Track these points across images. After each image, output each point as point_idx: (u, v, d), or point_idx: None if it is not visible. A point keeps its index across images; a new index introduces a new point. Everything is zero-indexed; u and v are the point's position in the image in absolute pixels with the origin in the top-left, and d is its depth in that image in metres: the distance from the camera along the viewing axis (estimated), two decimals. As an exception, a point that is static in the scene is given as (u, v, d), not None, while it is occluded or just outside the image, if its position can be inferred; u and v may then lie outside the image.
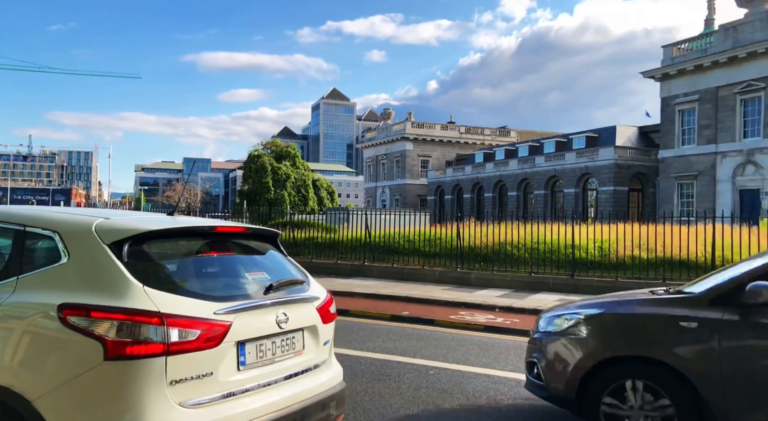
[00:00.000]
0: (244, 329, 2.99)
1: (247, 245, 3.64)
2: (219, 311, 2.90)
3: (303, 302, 3.45)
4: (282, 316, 3.19)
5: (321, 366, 3.51)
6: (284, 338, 3.24)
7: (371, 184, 72.81)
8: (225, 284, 3.28)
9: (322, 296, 3.63)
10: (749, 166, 33.90)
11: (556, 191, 47.18)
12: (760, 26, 33.01)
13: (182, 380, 2.70)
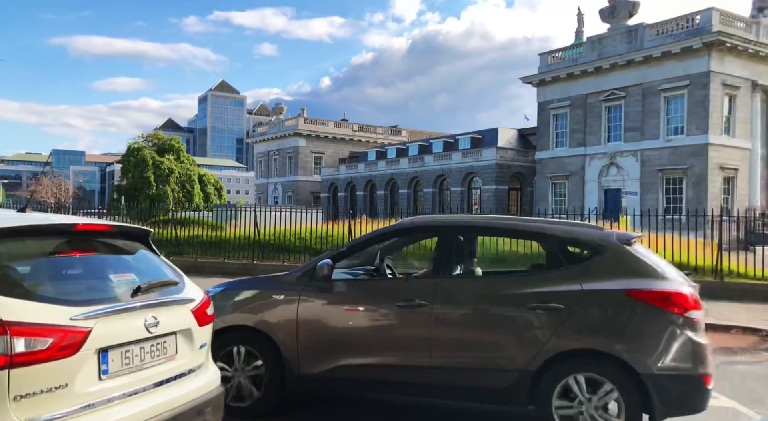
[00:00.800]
0: (107, 334, 2.76)
1: (113, 245, 3.36)
2: (76, 316, 2.65)
3: (176, 304, 3.26)
4: (151, 319, 3.00)
5: (196, 371, 3.33)
6: (154, 343, 3.04)
7: (263, 180, 71.16)
8: (87, 287, 3.01)
9: (198, 297, 3.45)
10: (612, 167, 37.37)
11: (443, 190, 49.02)
12: (621, 40, 36.49)
13: (30, 394, 2.44)
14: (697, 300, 4.28)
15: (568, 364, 4.22)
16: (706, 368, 4.14)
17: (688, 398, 4.16)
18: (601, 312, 4.26)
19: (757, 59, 33.72)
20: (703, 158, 32.63)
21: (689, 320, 4.17)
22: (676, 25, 34.04)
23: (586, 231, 4.78)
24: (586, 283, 4.31)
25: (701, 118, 32.66)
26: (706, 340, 4.23)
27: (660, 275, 4.34)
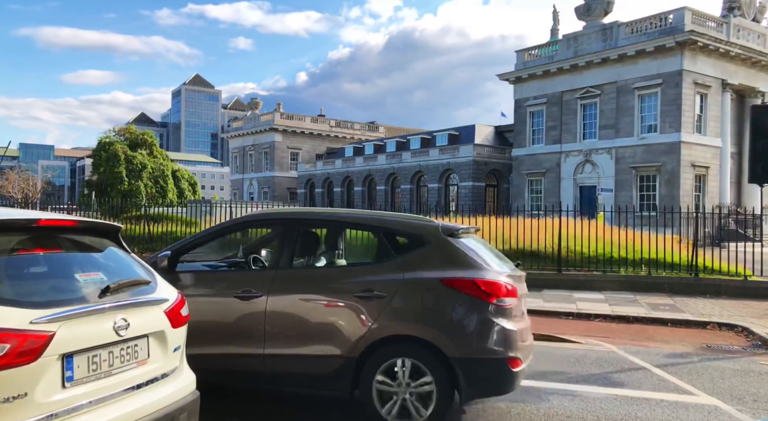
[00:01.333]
0: (72, 338, 2.56)
1: (80, 242, 3.14)
2: (38, 319, 2.44)
3: (148, 304, 3.06)
4: (121, 321, 2.80)
5: (170, 375, 3.14)
6: (124, 347, 2.84)
7: (238, 176, 70.27)
8: (50, 287, 2.79)
9: (171, 297, 3.25)
10: (587, 164, 37.77)
11: (421, 186, 49.02)
12: (596, 38, 36.84)
13: None
14: (512, 289, 4.55)
15: (389, 350, 4.43)
16: (512, 351, 4.40)
17: (493, 380, 4.43)
18: (418, 300, 4.47)
19: (727, 59, 34.38)
20: (675, 156, 33.17)
21: (499, 307, 4.43)
22: (650, 23, 34.49)
23: (413, 224, 5.00)
24: (408, 272, 4.56)
25: (674, 117, 33.18)
26: (516, 326, 4.50)
27: (478, 265, 4.59)
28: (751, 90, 36.18)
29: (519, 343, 4.48)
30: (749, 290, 12.19)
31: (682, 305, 11.22)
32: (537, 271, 13.44)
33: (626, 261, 13.53)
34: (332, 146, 65.75)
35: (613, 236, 14.06)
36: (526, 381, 6.16)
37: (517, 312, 4.62)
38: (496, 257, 5.07)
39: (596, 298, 11.95)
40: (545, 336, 8.88)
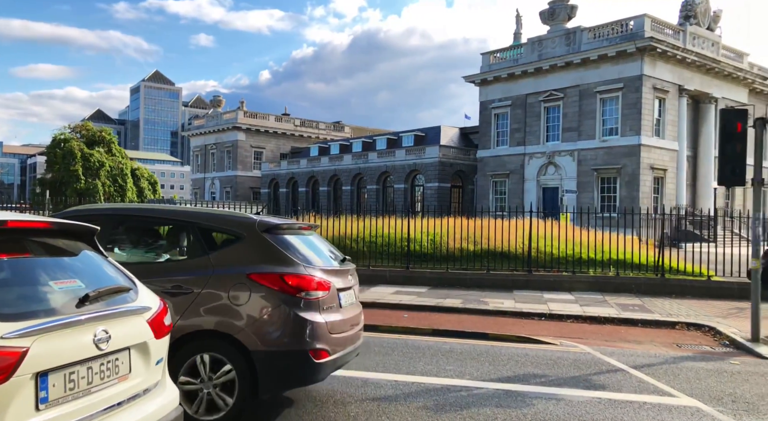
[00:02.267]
0: (48, 355, 2.30)
1: (52, 245, 2.87)
2: (8, 334, 2.18)
3: (130, 314, 2.81)
4: (102, 334, 2.55)
5: (152, 390, 2.90)
6: (105, 362, 2.60)
7: (199, 175, 68.77)
8: (19, 296, 2.50)
9: (154, 305, 3.01)
10: (551, 166, 38.42)
11: (387, 186, 48.96)
12: (560, 42, 37.53)
13: None
14: (323, 283, 4.69)
15: (192, 346, 4.45)
16: (318, 343, 4.52)
17: (294, 372, 4.53)
18: (224, 295, 4.52)
19: (684, 65, 35.52)
20: (635, 158, 34.05)
21: (307, 300, 4.56)
22: (612, 29, 35.32)
23: (228, 219, 5.07)
24: (218, 268, 4.64)
25: (634, 120, 34.06)
26: (327, 318, 4.63)
27: (290, 260, 4.68)
28: (706, 96, 37.47)
29: (328, 335, 4.60)
30: (712, 289, 12.52)
31: (650, 305, 11.42)
32: (507, 272, 13.50)
33: (594, 262, 13.73)
34: (297, 146, 65.04)
35: (582, 237, 14.25)
36: (510, 385, 6.11)
37: (329, 305, 4.74)
38: (323, 253, 5.23)
39: (567, 298, 12.06)
40: (521, 338, 8.88)
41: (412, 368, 6.86)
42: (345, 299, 5.10)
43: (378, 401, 5.46)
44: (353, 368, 6.70)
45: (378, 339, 8.58)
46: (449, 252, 14.56)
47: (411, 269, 13.95)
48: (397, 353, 7.65)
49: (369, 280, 13.91)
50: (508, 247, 14.11)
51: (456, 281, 13.42)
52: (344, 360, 5.03)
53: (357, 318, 5.36)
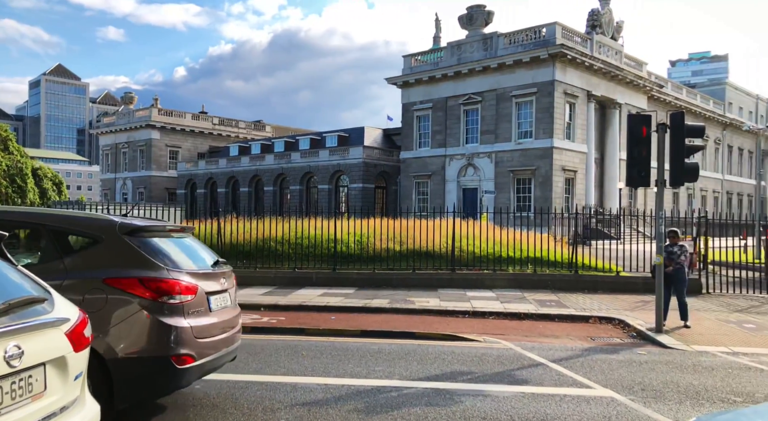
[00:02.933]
0: None
1: None
2: None
3: (45, 327, 2.60)
4: (13, 350, 2.34)
5: (71, 408, 2.70)
6: (16, 380, 2.38)
7: (110, 175, 65.05)
8: None
9: (73, 316, 2.80)
10: (470, 168, 39.58)
11: (311, 187, 48.50)
12: (478, 47, 38.76)
13: None
14: (189, 286, 4.59)
15: None
16: (182, 349, 4.42)
17: (155, 379, 4.40)
18: (77, 301, 4.36)
19: (591, 72, 37.73)
20: (548, 160, 35.77)
21: (169, 305, 4.45)
22: (526, 35, 36.90)
23: (86, 222, 4.91)
24: (72, 272, 4.46)
25: (547, 123, 35.77)
26: (193, 322, 4.54)
27: (152, 264, 4.54)
28: (611, 101, 40.01)
29: (193, 340, 4.51)
30: (620, 284, 13.37)
31: (565, 300, 12.03)
32: (432, 271, 13.75)
33: (514, 260, 14.28)
34: (216, 145, 63.04)
35: (502, 236, 14.77)
36: (439, 383, 6.22)
37: (196, 309, 4.65)
38: (196, 256, 5.13)
39: (488, 296, 12.46)
40: (447, 336, 9.07)
41: (342, 370, 6.82)
42: (217, 302, 5.01)
43: (308, 406, 5.38)
44: (281, 373, 6.58)
45: (306, 342, 8.47)
46: (376, 253, 14.64)
47: (338, 271, 13.89)
48: (326, 355, 7.59)
49: (295, 282, 13.72)
50: (432, 247, 14.38)
51: (383, 281, 13.51)
52: (215, 364, 4.95)
53: (232, 322, 5.26)
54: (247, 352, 7.74)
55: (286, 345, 8.25)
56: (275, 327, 9.52)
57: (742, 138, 57.07)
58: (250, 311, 10.92)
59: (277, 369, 6.82)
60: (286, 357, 7.45)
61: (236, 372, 6.62)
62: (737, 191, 57.21)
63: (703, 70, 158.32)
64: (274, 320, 10.05)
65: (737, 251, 17.74)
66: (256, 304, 11.37)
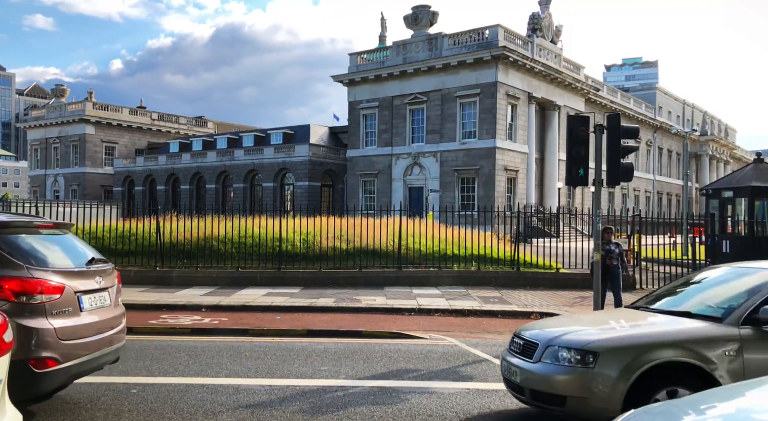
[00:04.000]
0: None
1: None
2: None
3: None
4: None
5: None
6: None
7: (39, 171, 61.69)
8: None
9: None
10: (416, 167, 39.92)
11: (255, 185, 47.61)
12: (423, 47, 39.13)
13: None
14: (54, 286, 4.45)
15: None
16: (40, 352, 4.27)
17: (12, 385, 4.24)
18: None
19: (532, 74, 38.81)
20: (491, 160, 36.54)
21: (28, 306, 4.31)
22: (470, 37, 37.55)
23: None
24: None
25: (490, 124, 36.53)
26: (56, 324, 4.39)
27: (11, 262, 4.38)
28: (550, 103, 41.30)
29: (58, 342, 4.37)
30: (560, 281, 13.81)
31: (507, 297, 12.31)
32: (379, 269, 13.76)
33: (459, 257, 14.48)
34: (155, 141, 60.87)
35: (447, 234, 14.95)
36: (385, 382, 6.20)
37: (62, 309, 4.50)
38: (71, 253, 4.98)
39: (434, 293, 12.58)
40: (394, 334, 9.09)
41: (287, 370, 6.70)
42: (91, 302, 4.89)
43: (252, 408, 5.25)
44: (223, 375, 6.40)
45: (249, 343, 8.29)
46: (322, 251, 14.51)
47: (283, 270, 13.67)
48: (270, 356, 7.44)
49: (238, 282, 13.41)
50: (380, 245, 14.39)
51: (329, 280, 13.41)
52: (87, 367, 4.79)
53: (111, 322, 5.12)
54: (187, 354, 7.49)
55: (229, 346, 8.04)
56: (217, 328, 9.26)
57: (671, 141, 60.24)
58: (191, 312, 10.60)
59: (219, 371, 6.63)
60: (229, 359, 7.25)
61: (176, 375, 6.40)
62: (666, 191, 60.33)
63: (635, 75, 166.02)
64: (216, 321, 9.78)
65: (667, 249, 18.68)
66: (197, 304, 11.04)
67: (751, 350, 4.42)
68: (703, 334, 4.53)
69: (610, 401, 4.30)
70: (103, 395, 5.57)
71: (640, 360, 4.32)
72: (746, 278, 5.13)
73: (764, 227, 17.47)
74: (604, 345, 4.50)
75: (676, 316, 4.97)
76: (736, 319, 4.56)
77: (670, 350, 4.40)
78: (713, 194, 19.18)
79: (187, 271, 13.61)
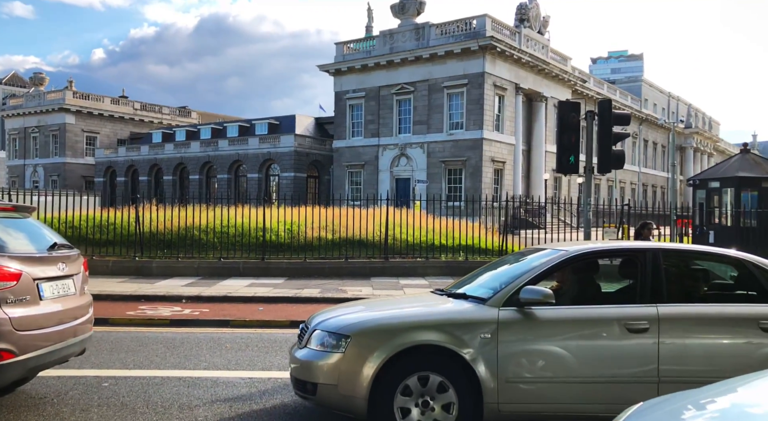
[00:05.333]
0: None
1: None
2: None
3: None
4: None
5: None
6: None
7: (18, 161, 60.47)
8: None
9: None
10: (403, 158, 39.65)
11: (239, 176, 47.04)
12: (410, 37, 38.75)
13: None
14: (9, 273, 4.22)
15: None
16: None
17: None
18: None
19: (519, 65, 38.65)
20: (478, 151, 36.39)
21: None
22: (457, 26, 37.23)
23: None
24: None
25: (477, 115, 36.34)
26: (12, 313, 4.17)
27: None
28: (537, 94, 41.19)
29: (14, 333, 4.11)
30: (548, 270, 13.63)
31: (496, 286, 12.11)
32: (365, 259, 13.50)
33: (446, 248, 14.27)
34: (137, 131, 59.90)
35: (435, 224, 14.72)
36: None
37: (20, 297, 4.26)
38: (32, 238, 4.75)
39: (421, 283, 12.36)
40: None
41: (269, 363, 6.43)
42: (52, 290, 4.60)
43: (230, 402, 4.98)
44: (201, 367, 6.11)
45: (231, 335, 7.99)
46: (307, 241, 14.20)
47: (267, 260, 13.36)
48: (251, 348, 7.16)
49: (220, 273, 13.07)
50: (366, 235, 14.12)
51: (314, 270, 13.12)
52: (48, 359, 4.49)
53: (76, 312, 4.82)
54: (165, 346, 7.18)
55: (209, 338, 7.75)
56: (198, 319, 8.95)
57: (657, 133, 60.59)
58: (171, 302, 10.26)
59: (197, 363, 6.33)
60: (208, 350, 6.96)
61: (151, 368, 6.09)
62: (652, 183, 60.76)
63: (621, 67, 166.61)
64: (197, 312, 9.47)
65: (655, 240, 18.63)
66: (178, 295, 10.70)
67: (506, 333, 4.03)
68: (463, 316, 4.18)
69: (356, 387, 3.94)
70: (71, 389, 5.25)
71: (391, 344, 3.95)
72: (535, 256, 4.77)
73: (749, 218, 17.50)
74: (358, 327, 4.14)
75: (457, 298, 4.55)
76: (497, 300, 4.19)
77: (427, 332, 4.03)
78: (700, 185, 19.18)
79: (167, 261, 13.24)
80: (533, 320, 4.15)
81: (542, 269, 4.39)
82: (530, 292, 4.13)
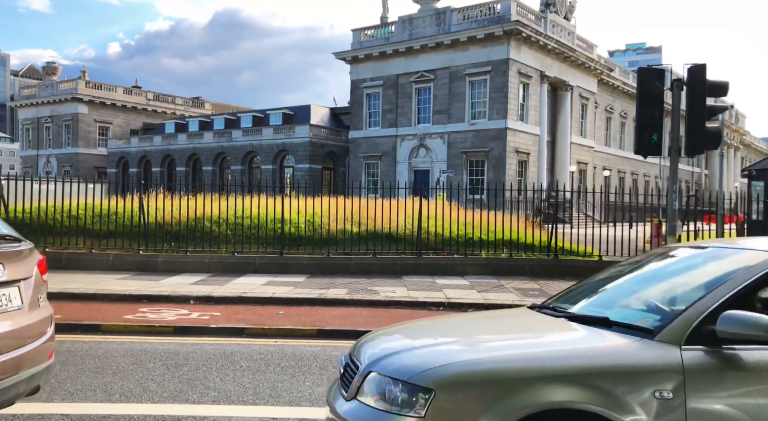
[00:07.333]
0: None
1: None
2: None
3: None
4: None
5: None
6: None
7: (31, 152, 59.78)
8: None
9: None
10: (422, 149, 38.09)
11: (253, 167, 45.80)
12: (430, 22, 37.06)
13: None
14: None
15: None
16: None
17: None
18: None
19: (545, 52, 36.83)
20: (502, 142, 34.72)
21: None
22: (480, 11, 35.48)
23: None
24: None
25: (501, 104, 34.64)
26: None
27: None
28: (563, 83, 39.35)
29: None
30: (602, 269, 12.10)
31: (548, 288, 10.61)
32: (396, 255, 12.09)
33: (485, 243, 12.76)
34: (150, 122, 58.89)
35: (473, 217, 13.22)
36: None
37: None
38: None
39: (461, 284, 10.89)
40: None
41: (296, 392, 5.00)
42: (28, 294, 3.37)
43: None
44: (210, 399, 4.68)
45: (247, 347, 6.60)
46: (330, 235, 12.77)
47: (286, 255, 11.96)
48: (272, 368, 5.74)
49: (234, 269, 11.71)
50: (396, 228, 12.68)
51: (338, 267, 11.70)
52: None
53: (19, 335, 3.35)
54: (164, 364, 5.78)
55: (220, 352, 6.35)
56: (207, 326, 7.56)
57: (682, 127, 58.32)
58: (177, 304, 8.89)
59: (204, 393, 4.92)
60: (218, 372, 5.55)
61: (143, 400, 4.68)
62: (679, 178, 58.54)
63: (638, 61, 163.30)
64: (207, 316, 8.09)
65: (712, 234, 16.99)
66: (185, 296, 9.33)
67: (699, 390, 2.51)
68: (617, 361, 2.58)
69: None
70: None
71: (505, 406, 2.43)
72: (712, 263, 3.26)
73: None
74: (445, 374, 2.57)
75: (590, 325, 2.96)
76: (675, 332, 2.64)
77: (560, 387, 2.48)
78: (757, 175, 17.46)
79: (175, 255, 11.89)
80: (742, 369, 2.58)
81: (744, 282, 2.73)
82: (735, 321, 2.52)
